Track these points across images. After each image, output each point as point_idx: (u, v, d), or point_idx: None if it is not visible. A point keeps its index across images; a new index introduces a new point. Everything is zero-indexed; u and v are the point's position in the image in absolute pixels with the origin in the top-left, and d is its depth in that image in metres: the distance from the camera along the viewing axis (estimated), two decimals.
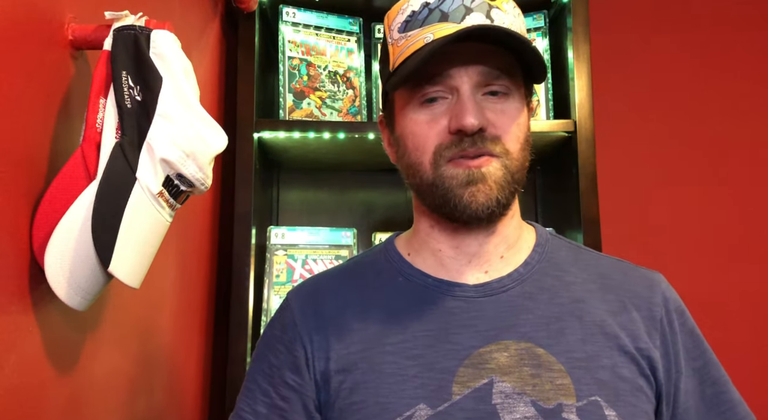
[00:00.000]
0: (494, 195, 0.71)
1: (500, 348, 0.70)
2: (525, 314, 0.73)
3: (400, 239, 0.84)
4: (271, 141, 1.40)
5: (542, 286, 0.76)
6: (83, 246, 0.62)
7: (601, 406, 0.67)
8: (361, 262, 0.85)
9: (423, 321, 0.73)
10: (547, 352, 0.70)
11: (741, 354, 1.74)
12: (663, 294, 0.77)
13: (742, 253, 1.83)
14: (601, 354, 0.71)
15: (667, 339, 0.74)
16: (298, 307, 0.79)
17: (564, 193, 1.45)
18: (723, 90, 1.90)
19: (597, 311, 0.74)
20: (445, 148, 0.71)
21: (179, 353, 1.15)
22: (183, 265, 1.15)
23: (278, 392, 0.75)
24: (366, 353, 0.73)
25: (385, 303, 0.76)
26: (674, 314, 0.76)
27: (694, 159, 1.87)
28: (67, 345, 0.70)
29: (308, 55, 1.47)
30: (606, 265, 0.80)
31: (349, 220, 1.63)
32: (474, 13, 0.71)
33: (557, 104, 1.48)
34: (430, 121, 0.72)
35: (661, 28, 1.93)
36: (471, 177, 0.70)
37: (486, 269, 0.76)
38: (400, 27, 0.75)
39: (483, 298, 0.74)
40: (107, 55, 0.67)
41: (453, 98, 0.72)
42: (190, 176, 0.68)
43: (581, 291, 0.76)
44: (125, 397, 0.88)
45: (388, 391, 0.70)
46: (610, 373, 0.70)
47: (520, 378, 0.69)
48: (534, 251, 0.79)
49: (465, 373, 0.69)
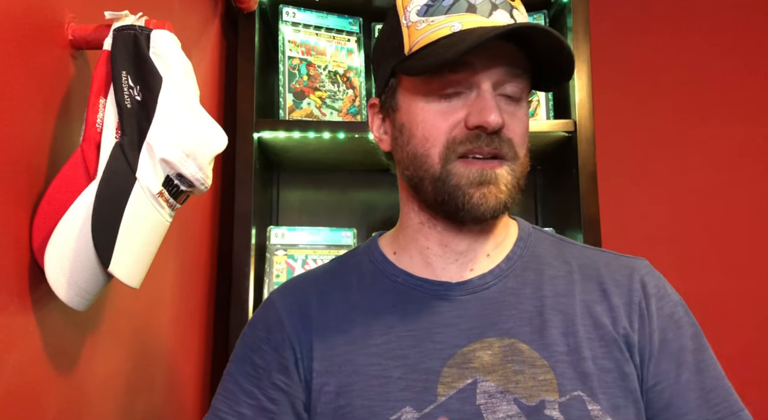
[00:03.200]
0: (503, 198, 0.70)
1: (484, 346, 0.70)
2: (507, 310, 0.72)
3: (384, 238, 0.83)
4: (271, 141, 1.40)
5: (524, 280, 0.75)
6: (83, 246, 0.62)
7: (584, 400, 0.67)
8: (344, 262, 0.84)
9: (406, 321, 0.73)
10: (530, 348, 0.70)
11: (741, 354, 1.74)
12: (642, 279, 0.76)
13: (742, 253, 1.83)
14: (583, 346, 0.70)
15: (645, 322, 0.73)
16: (283, 307, 0.78)
17: (564, 193, 1.45)
18: (723, 90, 1.90)
19: (579, 303, 0.73)
20: (459, 143, 0.69)
21: (179, 353, 1.15)
22: (183, 265, 1.15)
23: (266, 394, 0.74)
24: (350, 355, 0.72)
25: (369, 304, 0.76)
26: (653, 298, 0.75)
27: (694, 159, 1.87)
28: (66, 345, 0.70)
29: (308, 55, 1.47)
30: (588, 256, 0.79)
31: (349, 220, 1.63)
32: (500, 10, 0.70)
33: (557, 104, 1.48)
34: (445, 112, 0.70)
35: (661, 28, 1.93)
36: (484, 177, 0.69)
37: (471, 267, 0.76)
38: (419, 10, 0.72)
39: (465, 296, 0.74)
40: (107, 55, 0.67)
41: (472, 93, 0.70)
42: (190, 176, 0.68)
43: (563, 284, 0.75)
44: (125, 397, 0.88)
45: (373, 393, 0.69)
46: (594, 365, 0.69)
47: (504, 376, 0.68)
48: (516, 246, 0.78)
49: (449, 374, 0.69)
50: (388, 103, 0.77)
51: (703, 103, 1.89)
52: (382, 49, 0.78)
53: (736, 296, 1.80)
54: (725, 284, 1.81)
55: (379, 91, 0.79)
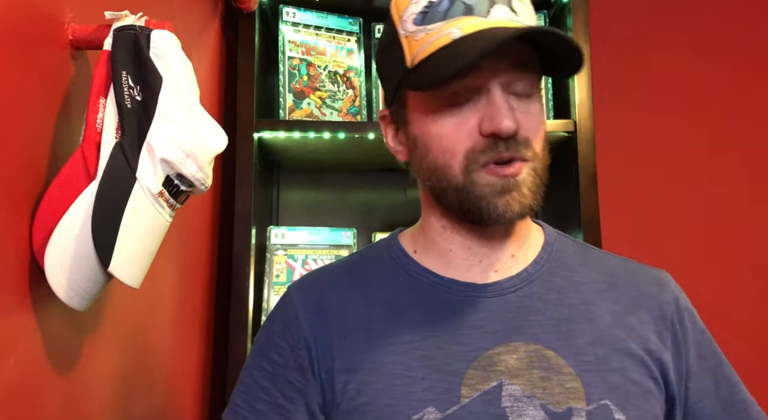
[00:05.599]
0: (528, 202, 0.69)
1: (509, 350, 0.69)
2: (534, 315, 0.72)
3: (404, 235, 0.81)
4: (271, 141, 1.40)
5: (551, 286, 0.74)
6: (83, 246, 0.62)
7: (611, 410, 0.67)
8: (363, 257, 0.82)
9: (431, 321, 0.72)
10: (557, 355, 0.69)
11: (741, 354, 1.74)
12: (673, 293, 0.76)
13: (743, 253, 1.83)
14: (611, 357, 0.70)
15: (679, 338, 0.73)
16: (300, 302, 0.76)
17: (564, 193, 1.45)
18: (723, 90, 1.90)
19: (606, 313, 0.73)
20: (480, 153, 0.68)
21: (179, 353, 1.15)
22: (183, 265, 1.15)
23: (282, 391, 0.73)
24: (371, 353, 0.71)
25: (389, 300, 0.74)
26: (685, 313, 0.75)
27: (694, 158, 1.87)
28: (67, 345, 0.70)
29: (308, 55, 1.47)
30: (613, 264, 0.79)
31: (349, 220, 1.63)
32: (498, 5, 0.68)
33: (557, 104, 1.48)
34: (459, 123, 0.69)
35: (661, 28, 1.93)
36: (506, 186, 0.68)
37: (496, 268, 0.75)
38: (416, 18, 0.70)
39: (492, 299, 0.73)
40: (107, 55, 0.67)
41: (482, 97, 0.68)
42: (190, 176, 0.68)
43: (590, 292, 0.75)
44: (125, 397, 0.88)
45: (396, 392, 0.69)
46: (620, 377, 0.69)
47: (530, 381, 0.68)
48: (543, 250, 0.77)
49: (474, 376, 0.68)
50: (398, 116, 0.76)
51: (703, 103, 1.89)
52: (385, 59, 0.77)
53: (736, 296, 1.80)
54: (725, 284, 1.81)
55: (388, 103, 0.78)
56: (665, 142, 1.88)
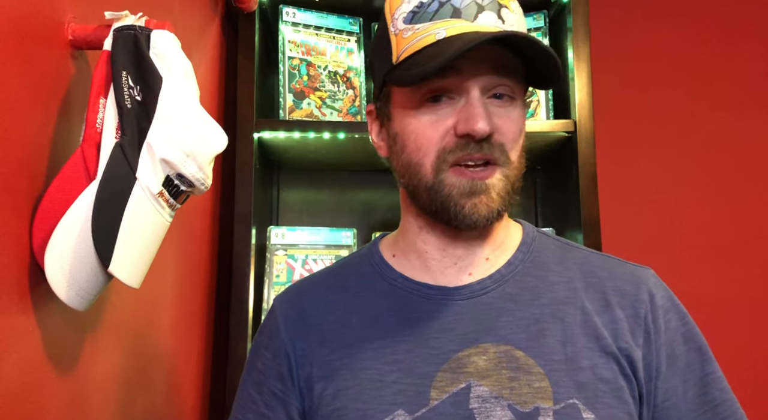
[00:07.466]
0: (495, 207, 0.70)
1: (479, 351, 0.70)
2: (505, 316, 0.72)
3: (386, 240, 0.83)
4: (271, 141, 1.40)
5: (524, 286, 0.74)
6: (83, 246, 0.62)
7: (579, 409, 0.67)
8: (345, 265, 0.84)
9: (403, 325, 0.73)
10: (526, 355, 0.69)
11: (740, 354, 1.74)
12: (649, 291, 0.75)
13: (743, 253, 1.83)
14: (581, 355, 0.70)
15: (651, 337, 0.72)
16: (281, 313, 0.79)
17: (564, 193, 1.45)
18: (723, 90, 1.90)
19: (579, 312, 0.73)
20: (449, 152, 0.69)
21: (179, 353, 1.15)
22: (183, 264, 1.15)
23: (265, 401, 0.76)
24: (347, 359, 0.73)
25: (367, 308, 0.76)
26: (660, 311, 0.74)
27: (693, 158, 1.87)
28: (67, 345, 0.70)
29: (308, 55, 1.47)
30: (593, 262, 0.78)
31: (349, 220, 1.63)
32: (486, 12, 0.69)
33: (557, 104, 1.48)
34: (435, 121, 0.70)
35: (661, 28, 1.93)
36: (474, 188, 0.69)
37: (470, 271, 0.75)
38: (406, 17, 0.71)
39: (463, 301, 0.73)
40: (107, 55, 0.67)
41: (461, 99, 0.69)
42: (190, 176, 0.68)
43: (564, 290, 0.74)
44: (125, 398, 0.88)
45: (367, 397, 0.70)
46: (590, 375, 0.69)
47: (498, 381, 0.68)
48: (518, 251, 0.77)
49: (443, 378, 0.69)
50: (382, 111, 0.77)
51: (703, 102, 1.89)
52: (375, 55, 0.78)
53: (736, 297, 1.80)
54: (725, 284, 1.81)
55: (375, 98, 0.79)
56: (665, 142, 1.88)
